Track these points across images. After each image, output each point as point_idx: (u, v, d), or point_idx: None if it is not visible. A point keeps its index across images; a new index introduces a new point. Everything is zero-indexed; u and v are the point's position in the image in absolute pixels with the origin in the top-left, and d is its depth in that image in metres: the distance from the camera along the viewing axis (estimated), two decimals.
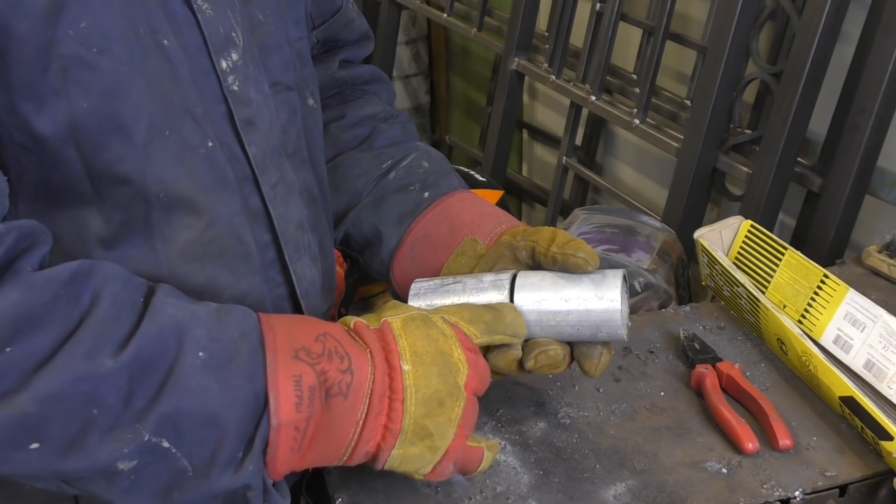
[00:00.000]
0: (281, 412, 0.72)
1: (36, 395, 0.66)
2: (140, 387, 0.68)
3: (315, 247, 0.93)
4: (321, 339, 0.77)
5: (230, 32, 0.80)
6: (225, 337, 0.73)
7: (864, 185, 1.55)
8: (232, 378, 0.71)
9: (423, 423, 0.78)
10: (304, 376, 0.74)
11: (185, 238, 0.80)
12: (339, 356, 0.76)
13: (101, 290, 0.69)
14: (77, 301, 0.68)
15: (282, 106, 0.88)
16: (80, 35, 0.69)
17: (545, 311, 0.87)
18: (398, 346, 0.78)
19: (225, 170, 0.81)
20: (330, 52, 1.10)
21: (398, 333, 0.79)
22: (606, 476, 0.94)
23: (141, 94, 0.74)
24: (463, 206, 1.00)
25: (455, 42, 3.31)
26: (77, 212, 0.76)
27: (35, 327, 0.66)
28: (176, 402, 0.69)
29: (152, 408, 0.69)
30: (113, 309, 0.69)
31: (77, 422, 0.68)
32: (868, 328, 1.05)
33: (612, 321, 0.86)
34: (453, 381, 0.79)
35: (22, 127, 0.71)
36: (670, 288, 1.50)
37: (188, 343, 0.70)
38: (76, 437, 0.68)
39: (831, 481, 0.92)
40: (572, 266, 0.87)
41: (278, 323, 0.77)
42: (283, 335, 0.75)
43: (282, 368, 0.73)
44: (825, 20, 1.51)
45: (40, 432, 0.67)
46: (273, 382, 0.73)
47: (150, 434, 0.69)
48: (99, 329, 0.68)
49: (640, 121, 1.95)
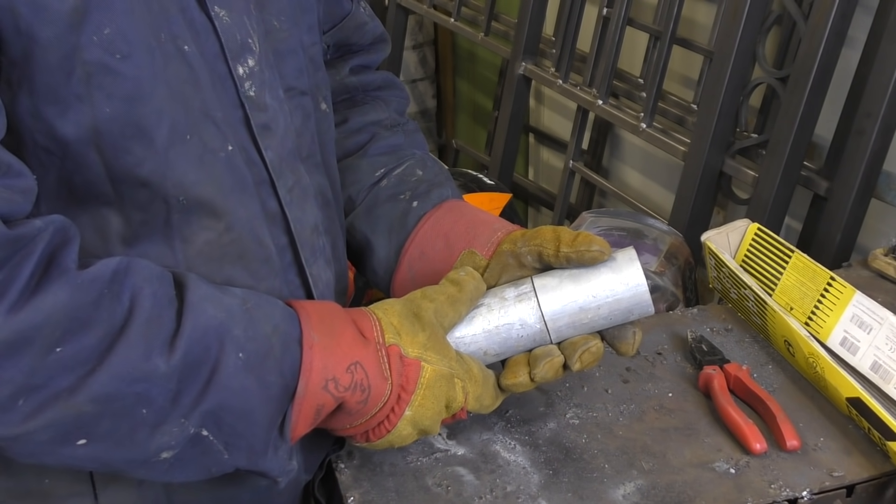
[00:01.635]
0: (298, 428, 0.80)
1: (93, 395, 0.68)
2: (187, 386, 0.72)
3: (329, 249, 0.94)
4: (352, 368, 0.80)
5: (246, 39, 0.81)
6: (259, 334, 0.77)
7: (870, 188, 1.56)
8: (267, 374, 0.76)
9: (408, 432, 0.86)
10: (325, 406, 0.80)
11: (204, 239, 0.81)
12: (362, 389, 0.81)
13: (141, 289, 0.72)
14: (119, 300, 0.70)
15: (296, 111, 0.89)
16: (103, 41, 0.71)
17: (576, 311, 0.88)
18: (412, 397, 0.83)
19: (243, 173, 0.82)
20: (343, 56, 1.10)
21: (421, 383, 0.84)
22: (615, 476, 0.94)
23: (162, 99, 0.75)
24: (454, 218, 0.99)
25: (462, 46, 3.32)
26: (98, 210, 0.77)
27: (83, 327, 0.68)
28: (219, 400, 0.74)
29: (197, 405, 0.73)
30: (155, 308, 0.72)
31: (128, 420, 0.71)
32: (875, 330, 1.06)
33: (643, 302, 0.87)
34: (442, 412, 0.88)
35: (45, 130, 0.72)
36: (678, 290, 1.51)
37: (229, 344, 0.74)
38: (125, 434, 0.71)
39: (838, 481, 0.93)
40: (589, 261, 0.87)
41: (317, 329, 0.81)
42: (320, 355, 0.79)
43: (309, 398, 0.79)
44: (831, 25, 1.52)
45: (91, 430, 0.70)
46: (298, 406, 0.79)
47: (194, 428, 0.73)
48: (146, 329, 0.70)
49: (647, 125, 1.96)
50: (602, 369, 1.11)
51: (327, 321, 0.82)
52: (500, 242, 0.94)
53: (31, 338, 0.65)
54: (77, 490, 0.86)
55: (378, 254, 1.01)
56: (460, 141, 3.14)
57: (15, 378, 0.65)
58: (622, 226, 1.60)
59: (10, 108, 0.71)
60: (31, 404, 0.67)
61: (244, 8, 0.81)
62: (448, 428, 0.99)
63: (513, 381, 0.89)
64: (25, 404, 0.67)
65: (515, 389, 0.90)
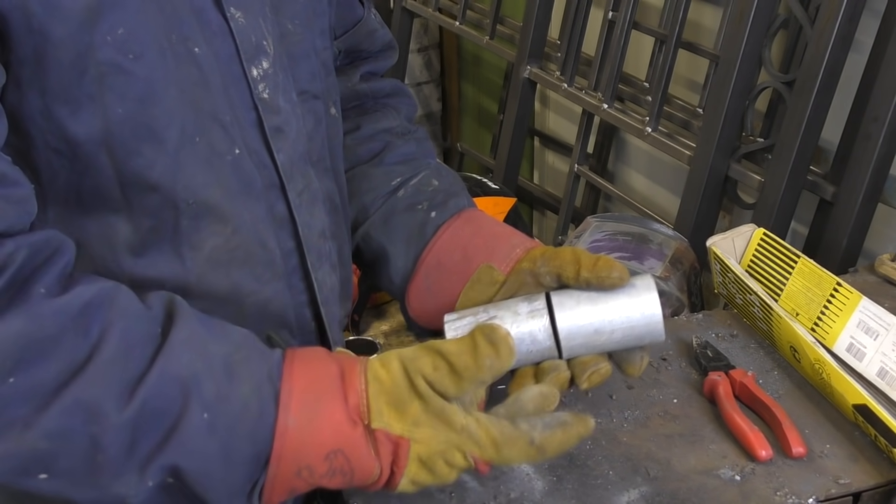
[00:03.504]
0: (273, 498, 0.75)
1: (45, 430, 0.66)
2: (143, 438, 0.69)
3: (335, 255, 0.94)
4: (331, 457, 0.74)
5: (261, 41, 0.81)
6: (235, 394, 0.72)
7: (876, 193, 1.55)
8: (234, 440, 0.72)
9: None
10: (297, 489, 0.76)
11: (212, 245, 0.81)
12: (343, 473, 0.75)
13: (113, 324, 0.69)
14: (86, 334, 0.68)
15: (308, 114, 0.89)
16: (117, 41, 0.71)
17: (591, 333, 0.88)
18: (404, 471, 0.77)
19: (251, 176, 0.82)
20: (353, 63, 1.10)
21: (412, 458, 0.77)
22: (619, 483, 0.94)
23: (173, 101, 0.75)
24: (473, 230, 0.99)
25: (467, 50, 3.32)
26: (106, 219, 0.77)
27: (39, 358, 0.65)
28: (177, 458, 0.70)
29: (154, 459, 0.69)
30: (123, 346, 0.68)
31: (84, 462, 0.68)
32: (881, 336, 1.05)
33: (656, 331, 0.88)
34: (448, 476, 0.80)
35: (56, 131, 0.72)
36: (682, 296, 1.51)
37: (194, 401, 0.70)
38: (84, 476, 0.69)
39: (845, 489, 0.93)
40: (608, 287, 0.86)
41: (297, 406, 0.74)
42: (292, 444, 0.73)
43: (279, 483, 0.74)
44: (838, 29, 1.52)
45: (49, 466, 0.68)
46: (269, 492, 0.74)
47: (153, 481, 0.70)
48: (107, 369, 0.67)
49: (653, 129, 1.96)
50: None
51: (313, 392, 0.75)
52: (518, 259, 0.93)
53: None
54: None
55: (395, 263, 1.00)
56: (465, 144, 3.14)
57: None
58: (627, 230, 1.60)
59: (19, 108, 0.71)
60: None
61: (260, 10, 0.81)
62: None
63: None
64: None
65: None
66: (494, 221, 1.01)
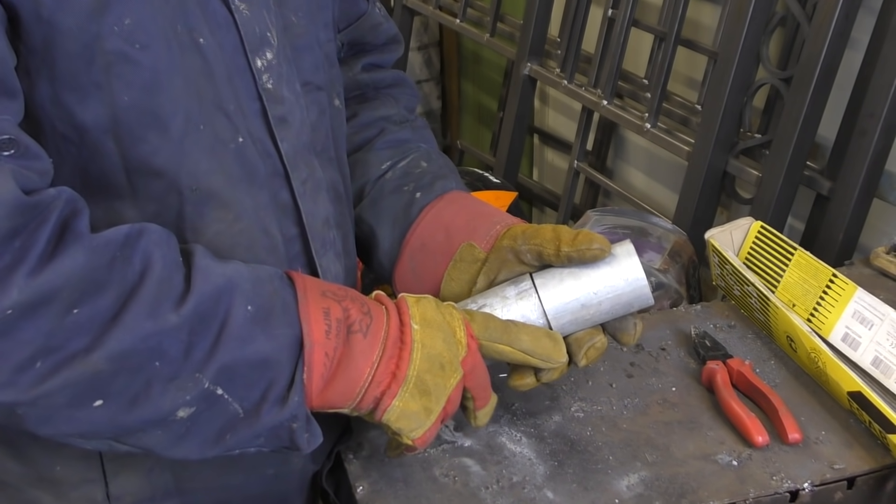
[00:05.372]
0: (314, 334, 0.78)
1: (109, 353, 0.69)
2: (199, 339, 0.73)
3: (339, 243, 0.96)
4: (342, 289, 0.83)
5: (265, 32, 0.83)
6: (265, 291, 0.78)
7: (872, 188, 1.57)
8: (275, 327, 0.76)
9: (424, 378, 0.82)
10: (331, 309, 0.80)
11: (215, 230, 0.82)
12: (360, 303, 0.82)
13: (152, 252, 0.73)
14: (131, 262, 0.71)
15: (312, 105, 0.91)
16: (123, 31, 0.72)
17: (578, 308, 0.89)
18: (410, 312, 0.84)
19: (255, 165, 0.84)
20: (356, 55, 1.12)
21: (412, 304, 0.85)
22: (619, 468, 0.96)
23: (178, 90, 0.77)
24: (455, 210, 1.00)
25: (467, 48, 3.33)
26: (111, 205, 0.78)
27: (98, 289, 0.69)
28: (230, 350, 0.74)
29: (210, 357, 0.73)
30: (165, 270, 0.73)
31: (142, 375, 0.71)
32: (876, 326, 1.07)
33: (643, 295, 0.89)
34: (454, 352, 0.84)
35: (65, 118, 0.74)
36: (681, 288, 1.53)
37: (238, 298, 0.75)
38: (141, 390, 0.71)
39: (839, 474, 0.95)
40: (590, 259, 0.88)
41: (307, 276, 0.83)
42: (311, 282, 0.82)
43: (312, 303, 0.79)
44: (835, 26, 1.54)
45: (107, 389, 0.70)
46: (305, 313, 0.78)
47: (208, 382, 0.73)
48: (157, 289, 0.71)
49: (652, 125, 1.98)
50: (606, 364, 1.12)
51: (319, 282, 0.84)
52: (499, 236, 0.95)
53: (50, 300, 0.67)
54: (88, 477, 0.87)
55: (382, 245, 1.03)
56: (465, 142, 3.16)
57: (34, 340, 0.67)
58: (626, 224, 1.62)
59: (29, 95, 0.72)
60: (49, 366, 0.68)
61: (264, 2, 0.83)
62: (455, 420, 1.01)
63: (520, 383, 0.92)
64: (43, 366, 0.68)
65: (522, 389, 0.92)
66: (479, 202, 1.02)
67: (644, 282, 0.88)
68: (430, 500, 0.92)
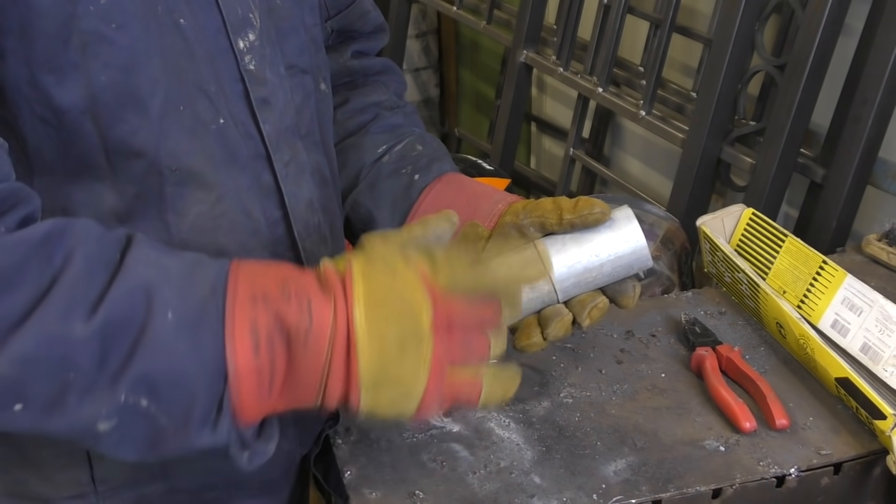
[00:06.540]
0: (238, 358, 0.70)
1: (12, 357, 0.66)
2: (112, 349, 0.68)
3: (325, 228, 0.96)
4: (284, 284, 0.73)
5: (248, 14, 0.83)
6: (195, 294, 0.71)
7: (865, 175, 1.57)
8: (201, 337, 0.70)
9: (385, 371, 0.73)
10: (259, 319, 0.71)
11: (196, 212, 0.82)
12: (299, 300, 0.72)
13: (75, 249, 0.68)
14: (49, 262, 0.67)
15: (296, 88, 0.90)
16: (99, 11, 0.72)
17: (581, 272, 0.90)
18: (354, 293, 0.73)
19: (237, 146, 0.84)
20: (344, 42, 1.12)
21: (357, 279, 0.74)
22: (607, 453, 0.96)
23: (156, 70, 0.76)
24: (455, 191, 1.01)
25: (464, 35, 3.33)
26: (91, 186, 0.78)
27: (7, 288, 0.66)
28: (148, 362, 0.68)
29: (126, 369, 0.68)
30: (85, 269, 0.68)
31: (55, 383, 0.67)
32: (865, 313, 1.08)
33: (643, 257, 0.90)
34: (413, 323, 0.74)
35: (42, 99, 0.73)
36: (673, 275, 1.53)
37: (158, 303, 0.69)
38: (56, 398, 0.68)
39: (826, 459, 0.95)
40: (592, 223, 0.89)
41: (245, 270, 0.74)
42: (245, 282, 0.72)
43: (239, 313, 0.71)
44: (828, 13, 1.53)
45: (21, 393, 0.67)
46: (230, 329, 0.70)
47: (126, 394, 0.68)
48: (71, 290, 0.67)
49: (647, 112, 1.98)
50: (596, 350, 1.12)
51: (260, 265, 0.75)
52: (501, 214, 0.96)
53: None
54: (73, 460, 0.87)
55: (382, 228, 1.02)
56: (463, 129, 3.16)
57: None
58: None
59: (5, 78, 0.72)
60: None
61: None
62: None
63: (527, 342, 0.91)
64: None
65: (530, 350, 0.91)
66: (476, 182, 1.03)
67: (644, 244, 0.90)
68: (418, 485, 0.92)
